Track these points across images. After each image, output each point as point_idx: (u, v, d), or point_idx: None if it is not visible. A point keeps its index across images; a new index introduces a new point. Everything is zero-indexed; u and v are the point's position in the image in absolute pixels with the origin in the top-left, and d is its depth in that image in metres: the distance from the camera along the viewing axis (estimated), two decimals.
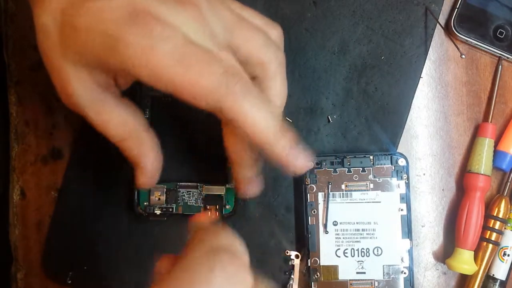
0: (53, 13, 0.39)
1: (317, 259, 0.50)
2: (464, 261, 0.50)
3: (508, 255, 0.51)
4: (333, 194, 0.50)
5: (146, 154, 0.43)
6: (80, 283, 0.52)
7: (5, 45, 0.53)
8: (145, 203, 0.51)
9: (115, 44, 0.37)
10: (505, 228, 0.51)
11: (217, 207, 0.50)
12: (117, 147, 0.43)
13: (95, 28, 0.37)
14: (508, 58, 0.53)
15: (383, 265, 0.50)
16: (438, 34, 0.54)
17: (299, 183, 0.52)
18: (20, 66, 0.53)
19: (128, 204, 0.52)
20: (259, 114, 0.37)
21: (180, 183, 0.51)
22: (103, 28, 0.37)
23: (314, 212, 0.50)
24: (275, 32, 0.44)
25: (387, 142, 0.52)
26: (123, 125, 0.42)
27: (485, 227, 0.51)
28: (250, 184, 0.45)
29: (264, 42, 0.41)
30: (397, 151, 0.52)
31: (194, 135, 0.51)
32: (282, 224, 0.52)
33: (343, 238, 0.50)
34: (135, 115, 0.43)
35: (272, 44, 0.41)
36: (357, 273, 0.50)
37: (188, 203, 0.51)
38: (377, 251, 0.50)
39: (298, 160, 0.40)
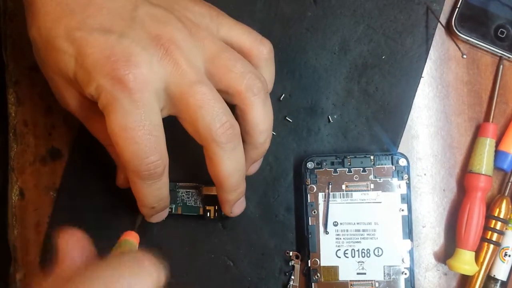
0: (41, 29, 0.41)
1: (318, 260, 0.50)
2: (465, 262, 0.50)
3: (509, 256, 0.51)
4: (333, 194, 0.50)
5: None
6: None
7: (4, 45, 0.53)
8: None
9: (88, 80, 0.39)
10: (506, 229, 0.51)
11: (216, 208, 0.50)
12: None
13: (75, 57, 0.40)
14: (509, 57, 0.53)
15: (384, 266, 0.50)
16: (439, 33, 0.53)
17: (299, 184, 0.51)
18: (19, 66, 0.53)
19: (127, 204, 0.51)
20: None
21: (180, 184, 0.51)
22: (82, 61, 0.39)
23: (314, 212, 0.50)
24: (264, 49, 0.46)
25: (388, 142, 0.52)
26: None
27: (486, 228, 0.51)
28: (233, 206, 0.48)
29: (240, 72, 0.43)
30: (398, 151, 0.52)
31: None
32: (282, 224, 0.52)
33: (344, 238, 0.50)
34: None
35: (249, 71, 0.43)
36: (358, 273, 0.50)
37: (187, 204, 0.51)
38: (378, 252, 0.50)
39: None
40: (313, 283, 0.50)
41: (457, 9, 0.53)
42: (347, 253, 0.50)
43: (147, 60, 0.39)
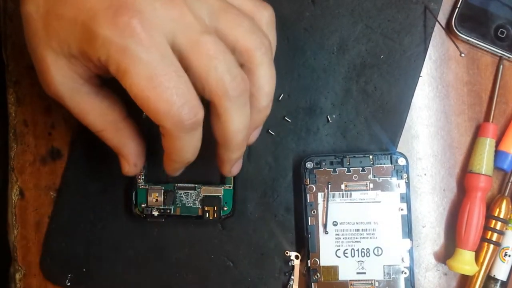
0: (37, 1, 0.39)
1: (317, 260, 0.50)
2: (465, 262, 0.50)
3: (509, 256, 0.51)
4: (332, 194, 0.50)
5: (126, 144, 0.45)
6: (79, 283, 0.52)
7: (4, 45, 0.53)
8: (142, 205, 0.51)
9: (92, 37, 0.37)
10: (506, 229, 0.51)
11: (215, 209, 0.50)
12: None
13: (75, 17, 0.37)
14: (509, 57, 0.53)
15: (384, 265, 0.49)
16: (439, 33, 0.53)
17: (298, 184, 0.51)
18: (18, 66, 0.53)
19: (126, 205, 0.52)
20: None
21: (178, 184, 0.51)
22: (83, 18, 0.37)
23: (313, 212, 0.50)
24: (266, 14, 0.43)
25: (387, 142, 0.52)
26: (101, 116, 0.43)
27: (486, 228, 0.51)
28: (233, 165, 0.45)
29: (249, 28, 0.40)
30: (398, 151, 0.52)
31: None
32: (281, 224, 0.52)
33: (343, 238, 0.50)
34: (113, 106, 0.44)
35: (257, 30, 0.41)
36: (357, 273, 0.50)
37: (186, 205, 0.51)
38: (377, 251, 0.49)
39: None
40: (313, 283, 0.50)
41: (457, 9, 0.53)
42: (346, 253, 0.50)
43: (149, 4, 0.37)
